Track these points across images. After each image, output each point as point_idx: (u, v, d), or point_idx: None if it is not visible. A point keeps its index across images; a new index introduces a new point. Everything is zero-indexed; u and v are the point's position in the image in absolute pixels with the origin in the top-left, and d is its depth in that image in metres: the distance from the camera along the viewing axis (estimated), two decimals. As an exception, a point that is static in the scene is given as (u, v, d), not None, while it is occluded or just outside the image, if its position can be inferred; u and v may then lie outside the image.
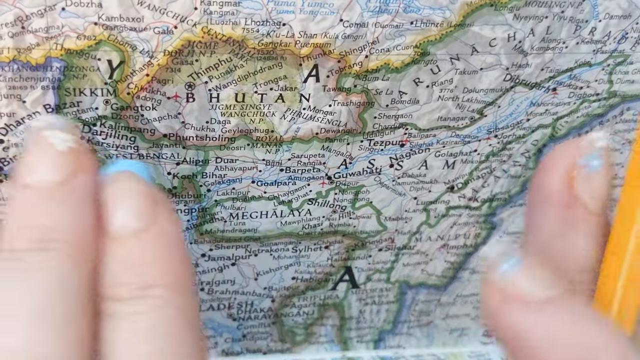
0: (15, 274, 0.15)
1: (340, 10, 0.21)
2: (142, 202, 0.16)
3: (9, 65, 0.20)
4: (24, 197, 0.16)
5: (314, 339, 0.33)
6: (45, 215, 0.15)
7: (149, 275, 0.15)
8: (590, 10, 0.24)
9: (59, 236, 0.15)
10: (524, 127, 0.27)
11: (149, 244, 0.16)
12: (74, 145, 0.16)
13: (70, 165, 0.16)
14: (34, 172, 0.16)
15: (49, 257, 0.15)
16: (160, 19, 0.21)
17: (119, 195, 0.16)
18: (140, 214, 0.16)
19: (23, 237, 0.15)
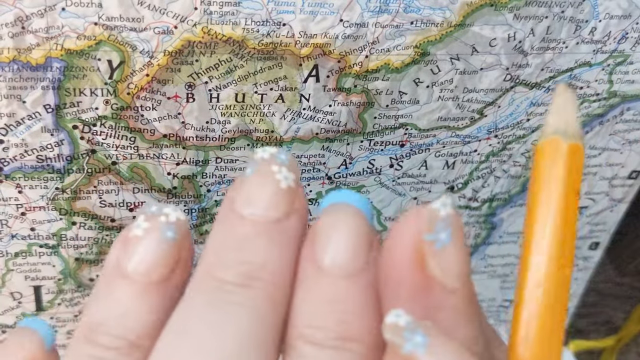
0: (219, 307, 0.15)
1: (340, 11, 0.21)
2: (362, 241, 0.15)
3: (9, 66, 0.20)
4: (237, 227, 0.15)
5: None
6: (257, 252, 0.15)
7: (353, 327, 0.14)
8: (590, 10, 0.24)
9: (264, 276, 0.15)
10: (524, 127, 0.27)
11: (359, 292, 0.15)
12: (294, 186, 0.16)
13: (288, 205, 0.16)
14: (253, 205, 0.15)
15: (254, 296, 0.15)
16: (161, 19, 0.21)
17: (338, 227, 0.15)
18: (358, 257, 0.15)
19: (232, 271, 0.15)
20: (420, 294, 0.15)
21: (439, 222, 0.15)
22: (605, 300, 0.43)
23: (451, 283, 0.15)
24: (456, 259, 0.15)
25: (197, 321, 0.14)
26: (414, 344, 0.13)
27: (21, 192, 0.23)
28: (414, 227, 0.15)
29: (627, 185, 0.31)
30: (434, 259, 0.14)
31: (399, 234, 0.15)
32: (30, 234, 0.25)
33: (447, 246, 0.14)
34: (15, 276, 0.26)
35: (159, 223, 0.16)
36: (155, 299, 0.16)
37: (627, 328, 0.40)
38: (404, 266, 0.15)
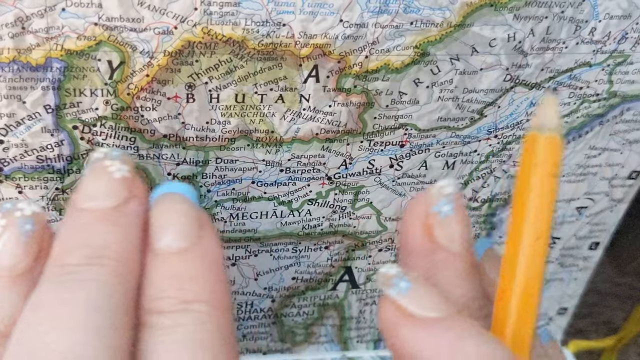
0: (66, 285, 0.16)
1: (340, 11, 0.21)
2: (189, 222, 0.17)
3: (9, 66, 0.20)
4: (78, 219, 0.17)
5: (314, 339, 0.33)
6: (97, 235, 0.17)
7: (191, 291, 0.16)
8: (590, 10, 0.24)
9: (108, 254, 0.16)
10: (524, 128, 0.27)
11: (193, 262, 0.17)
12: (128, 175, 0.18)
13: (125, 192, 0.17)
14: (91, 198, 0.17)
15: (98, 272, 0.16)
16: (161, 19, 0.21)
17: (167, 215, 0.17)
18: (186, 234, 0.17)
19: (75, 254, 0.16)
20: (428, 257, 0.18)
21: (443, 198, 0.18)
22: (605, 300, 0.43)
23: (453, 248, 0.18)
24: (457, 228, 0.18)
25: (49, 298, 0.16)
26: (399, 288, 0.16)
27: (21, 193, 0.24)
28: (424, 203, 0.18)
29: (627, 186, 0.31)
30: (439, 227, 0.18)
31: (411, 208, 0.18)
32: (30, 234, 0.25)
33: (450, 217, 0.18)
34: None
35: (16, 218, 0.17)
36: (21, 288, 0.17)
37: (627, 328, 0.40)
38: (415, 234, 0.18)
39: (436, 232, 0.18)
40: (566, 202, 0.31)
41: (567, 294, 0.36)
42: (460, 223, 0.18)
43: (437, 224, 0.18)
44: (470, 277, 0.18)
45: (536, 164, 0.16)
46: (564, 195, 0.31)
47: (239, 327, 0.31)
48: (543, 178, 0.16)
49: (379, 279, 0.17)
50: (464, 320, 0.16)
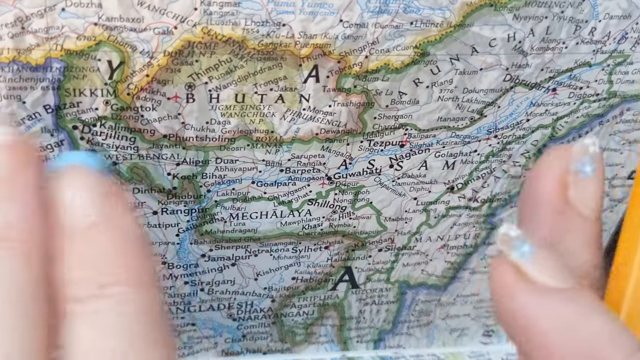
0: None
1: (340, 11, 0.21)
2: (93, 195, 0.15)
3: (9, 66, 0.20)
4: None
5: (314, 339, 0.33)
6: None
7: (106, 273, 0.15)
8: (590, 10, 0.24)
9: (8, 234, 0.15)
10: (524, 128, 0.27)
11: (105, 239, 0.15)
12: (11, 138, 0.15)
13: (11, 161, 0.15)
14: None
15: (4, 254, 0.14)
16: (160, 19, 0.21)
17: (69, 190, 0.15)
18: (92, 208, 0.15)
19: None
20: (556, 216, 0.17)
21: (587, 156, 0.17)
22: (605, 300, 0.43)
23: (586, 211, 0.16)
24: (595, 191, 0.16)
25: None
26: (522, 253, 0.15)
27: (21, 193, 0.23)
28: (564, 157, 0.17)
29: (627, 186, 0.31)
30: (576, 187, 0.16)
31: (548, 160, 0.17)
32: (30, 234, 0.25)
33: (590, 178, 0.16)
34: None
35: None
36: None
37: (627, 328, 0.40)
38: (548, 189, 0.17)
39: (572, 192, 0.17)
40: (566, 202, 0.31)
41: (567, 294, 0.36)
42: (598, 187, 0.17)
43: (575, 184, 0.17)
44: (597, 244, 0.17)
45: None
46: (564, 195, 0.30)
47: (239, 327, 0.31)
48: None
49: (500, 240, 0.16)
50: (588, 294, 0.15)
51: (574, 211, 0.16)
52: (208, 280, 0.29)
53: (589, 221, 0.17)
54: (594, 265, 0.17)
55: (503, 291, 0.15)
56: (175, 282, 0.28)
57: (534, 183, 0.17)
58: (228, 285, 0.29)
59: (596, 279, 0.17)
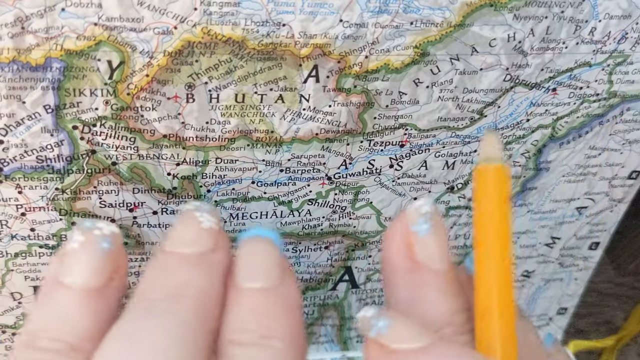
0: (148, 318, 0.16)
1: (340, 11, 0.21)
2: (274, 265, 0.18)
3: (9, 66, 0.20)
4: (165, 261, 0.18)
5: (314, 339, 0.33)
6: (181, 275, 0.17)
7: (271, 327, 0.17)
8: (590, 10, 0.24)
9: (190, 293, 0.17)
10: (524, 128, 0.27)
11: (274, 301, 0.17)
12: (215, 227, 0.19)
13: (212, 241, 0.18)
14: (179, 243, 0.18)
15: (179, 308, 0.17)
16: (160, 19, 0.21)
17: (254, 256, 0.18)
18: (270, 276, 0.18)
19: (159, 291, 0.17)
20: (410, 275, 0.18)
21: (421, 217, 0.18)
22: (605, 300, 0.43)
23: (434, 265, 0.18)
24: (437, 245, 0.18)
25: (131, 328, 0.16)
26: (378, 328, 0.17)
27: (21, 193, 0.24)
28: (404, 222, 0.19)
29: (627, 186, 0.31)
30: (418, 245, 0.18)
31: (392, 228, 0.19)
32: (30, 234, 0.25)
33: (428, 235, 0.18)
34: (15, 276, 0.26)
35: (94, 236, 0.18)
36: (94, 305, 0.17)
37: (627, 328, 0.40)
38: (398, 253, 0.19)
39: (416, 251, 0.18)
40: (566, 202, 0.31)
41: (567, 294, 0.36)
42: (438, 241, 0.18)
43: (417, 243, 0.18)
44: (453, 292, 0.18)
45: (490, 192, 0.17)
46: (564, 195, 0.31)
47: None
48: (499, 204, 0.17)
49: (360, 324, 0.17)
50: (446, 344, 0.16)
51: (423, 267, 0.18)
52: (208, 280, 0.29)
53: (439, 272, 0.18)
54: (454, 312, 0.18)
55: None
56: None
57: (384, 249, 0.19)
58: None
59: (461, 323, 0.18)
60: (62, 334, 0.17)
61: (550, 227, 0.32)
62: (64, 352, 0.17)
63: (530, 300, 0.35)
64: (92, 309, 0.17)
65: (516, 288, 0.35)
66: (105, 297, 0.18)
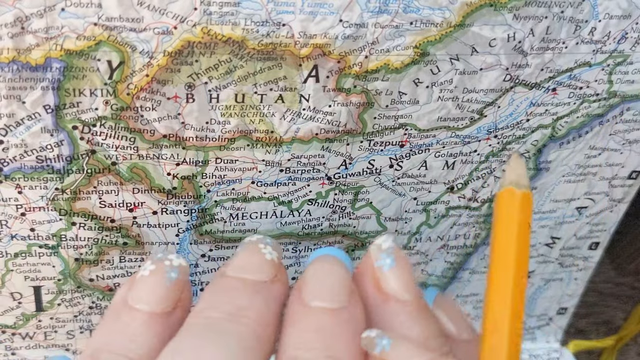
0: (206, 335, 0.17)
1: (340, 11, 0.21)
2: (343, 286, 0.19)
3: (9, 66, 0.20)
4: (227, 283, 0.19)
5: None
6: (242, 297, 0.18)
7: (335, 348, 0.18)
8: (590, 10, 0.24)
9: (250, 315, 0.18)
10: (524, 128, 0.27)
11: (340, 322, 0.18)
12: (277, 260, 0.20)
13: (272, 272, 0.20)
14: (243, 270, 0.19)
15: (238, 328, 0.17)
16: (160, 19, 0.21)
17: (324, 274, 0.19)
18: (339, 296, 0.19)
19: (218, 310, 0.18)
20: (381, 307, 0.19)
21: (383, 252, 0.20)
22: (605, 300, 0.43)
23: (401, 295, 0.19)
24: (401, 277, 0.19)
25: (188, 344, 0.17)
26: (382, 345, 0.18)
27: (21, 193, 0.24)
28: (369, 259, 0.20)
29: (627, 186, 0.31)
30: (384, 279, 0.19)
31: (360, 267, 0.20)
32: (30, 234, 0.25)
33: (392, 268, 0.20)
34: (15, 276, 0.26)
35: (164, 265, 0.20)
36: (158, 328, 0.18)
37: (627, 328, 0.40)
38: (368, 288, 0.20)
39: (383, 284, 0.20)
40: (566, 202, 0.31)
41: (567, 294, 0.36)
42: (402, 273, 0.20)
43: (382, 277, 0.20)
44: (424, 318, 0.19)
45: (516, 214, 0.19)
46: (564, 195, 0.31)
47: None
48: (523, 226, 0.19)
49: (363, 343, 0.18)
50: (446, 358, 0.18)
51: (391, 298, 0.19)
52: (208, 280, 0.29)
53: (407, 302, 0.19)
54: (429, 337, 0.19)
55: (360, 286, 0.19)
56: (175, 282, 0.28)
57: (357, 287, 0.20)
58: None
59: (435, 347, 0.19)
60: (125, 350, 0.18)
61: (550, 227, 0.32)
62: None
63: (530, 300, 0.35)
64: (156, 331, 0.18)
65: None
66: (169, 323, 0.19)
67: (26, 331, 0.28)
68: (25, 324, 0.28)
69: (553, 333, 0.37)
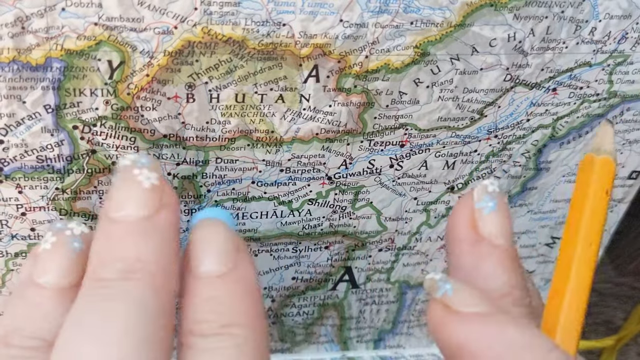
0: (103, 300, 0.16)
1: (340, 11, 0.21)
2: (227, 248, 0.18)
3: (9, 66, 0.20)
4: (111, 231, 0.17)
5: (314, 339, 0.33)
6: (130, 248, 0.17)
7: (230, 315, 0.17)
8: (590, 10, 0.24)
9: (142, 267, 0.17)
10: (524, 128, 0.27)
11: (231, 286, 0.18)
12: (158, 183, 0.18)
13: (155, 202, 0.18)
14: (122, 208, 0.17)
15: (134, 286, 0.16)
16: (161, 19, 0.21)
17: (206, 240, 0.18)
18: (225, 259, 0.18)
19: (110, 268, 0.17)
20: (473, 246, 0.19)
21: (487, 195, 0.20)
22: (605, 300, 0.43)
23: (495, 239, 0.19)
24: (500, 222, 0.19)
25: (86, 313, 0.16)
26: (445, 289, 0.18)
27: (21, 193, 0.24)
28: (470, 199, 0.20)
29: (627, 186, 0.31)
30: (482, 221, 0.19)
31: (459, 204, 0.20)
32: (30, 234, 0.25)
33: (493, 212, 0.19)
34: (16, 276, 0.26)
35: (65, 236, 0.19)
36: (68, 303, 0.17)
37: (627, 328, 0.40)
38: (463, 226, 0.20)
39: (480, 226, 0.19)
40: (566, 202, 0.31)
41: (567, 294, 0.36)
42: (502, 218, 0.19)
43: (481, 219, 0.19)
44: (512, 267, 0.19)
45: (593, 180, 0.18)
46: (565, 195, 0.31)
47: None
48: (598, 192, 0.18)
49: (426, 285, 0.18)
50: (505, 314, 0.17)
51: (486, 241, 0.19)
52: (208, 280, 0.29)
53: (501, 248, 0.19)
54: (512, 285, 0.19)
55: (436, 325, 0.18)
56: (175, 282, 0.28)
57: (450, 220, 0.20)
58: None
59: (518, 297, 0.19)
60: (38, 330, 0.17)
61: (550, 227, 0.32)
62: (42, 349, 0.17)
63: (530, 300, 0.35)
64: (66, 306, 0.17)
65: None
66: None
67: (26, 331, 0.28)
68: (25, 323, 0.28)
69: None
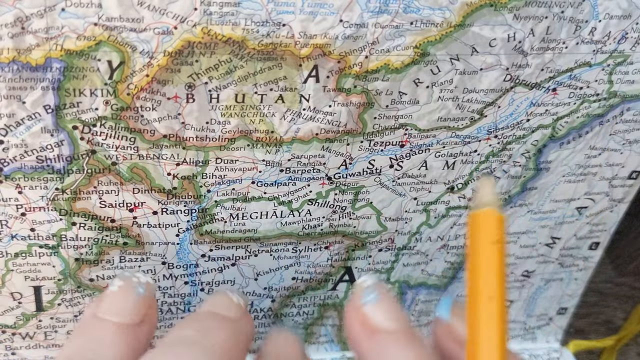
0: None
1: (340, 11, 0.21)
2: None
3: (9, 66, 0.20)
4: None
5: (314, 339, 0.33)
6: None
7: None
8: (590, 10, 0.24)
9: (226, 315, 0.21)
10: (524, 128, 0.27)
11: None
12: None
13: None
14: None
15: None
16: (160, 19, 0.21)
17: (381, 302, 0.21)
18: None
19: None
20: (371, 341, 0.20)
21: (365, 290, 0.21)
22: (605, 300, 0.43)
23: (388, 326, 0.20)
24: (385, 308, 0.21)
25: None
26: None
27: (21, 193, 0.24)
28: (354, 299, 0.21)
29: (627, 186, 0.31)
30: (370, 315, 0.21)
31: (347, 308, 0.21)
32: (30, 234, 0.25)
33: (376, 302, 0.21)
34: (15, 276, 0.26)
35: (132, 281, 0.21)
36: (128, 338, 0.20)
37: (627, 328, 0.40)
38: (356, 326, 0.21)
39: (370, 319, 0.20)
40: (566, 202, 0.31)
41: (567, 294, 0.36)
42: (386, 304, 0.21)
43: (368, 312, 0.21)
44: (413, 344, 0.20)
45: (480, 235, 0.19)
46: (564, 195, 0.31)
47: (239, 327, 0.31)
48: (486, 246, 0.19)
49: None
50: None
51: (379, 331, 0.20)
52: (208, 280, 0.29)
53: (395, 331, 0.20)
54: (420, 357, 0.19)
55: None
56: (175, 282, 0.28)
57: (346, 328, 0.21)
58: (228, 285, 0.29)
59: None
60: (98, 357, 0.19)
61: (550, 227, 0.32)
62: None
63: (530, 300, 0.35)
64: (127, 341, 0.19)
65: (516, 288, 0.35)
66: (138, 335, 0.20)
67: (26, 331, 0.28)
68: (25, 323, 0.28)
69: (553, 333, 0.37)
